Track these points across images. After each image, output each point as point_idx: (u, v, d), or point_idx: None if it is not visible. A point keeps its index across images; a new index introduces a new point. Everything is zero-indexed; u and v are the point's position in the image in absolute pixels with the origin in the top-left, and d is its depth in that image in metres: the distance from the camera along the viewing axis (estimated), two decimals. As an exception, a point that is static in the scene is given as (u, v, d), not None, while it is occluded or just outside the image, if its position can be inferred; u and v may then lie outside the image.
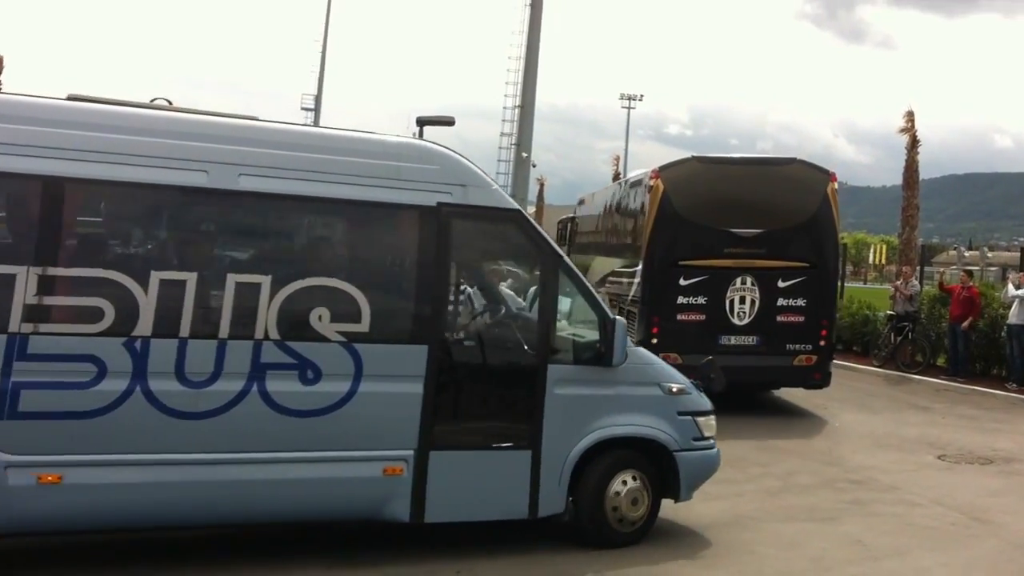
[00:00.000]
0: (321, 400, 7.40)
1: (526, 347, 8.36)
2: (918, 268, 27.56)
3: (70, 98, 7.34)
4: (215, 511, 7.32)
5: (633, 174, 16.64)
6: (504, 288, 10.20)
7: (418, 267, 7.88)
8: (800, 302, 14.94)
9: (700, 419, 8.83)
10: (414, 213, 7.83)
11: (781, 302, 14.94)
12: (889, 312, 23.65)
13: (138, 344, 6.95)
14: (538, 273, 8.38)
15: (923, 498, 10.97)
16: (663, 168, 15.42)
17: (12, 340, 6.66)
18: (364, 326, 7.53)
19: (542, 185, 57.99)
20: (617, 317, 8.49)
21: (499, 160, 45.83)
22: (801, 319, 15.10)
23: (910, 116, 31.41)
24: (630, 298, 15.71)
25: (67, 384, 6.80)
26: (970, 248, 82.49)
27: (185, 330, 7.07)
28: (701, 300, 14.64)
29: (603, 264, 18.84)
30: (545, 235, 8.36)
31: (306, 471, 7.41)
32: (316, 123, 73.16)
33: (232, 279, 7.26)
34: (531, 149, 42.77)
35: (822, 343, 15.26)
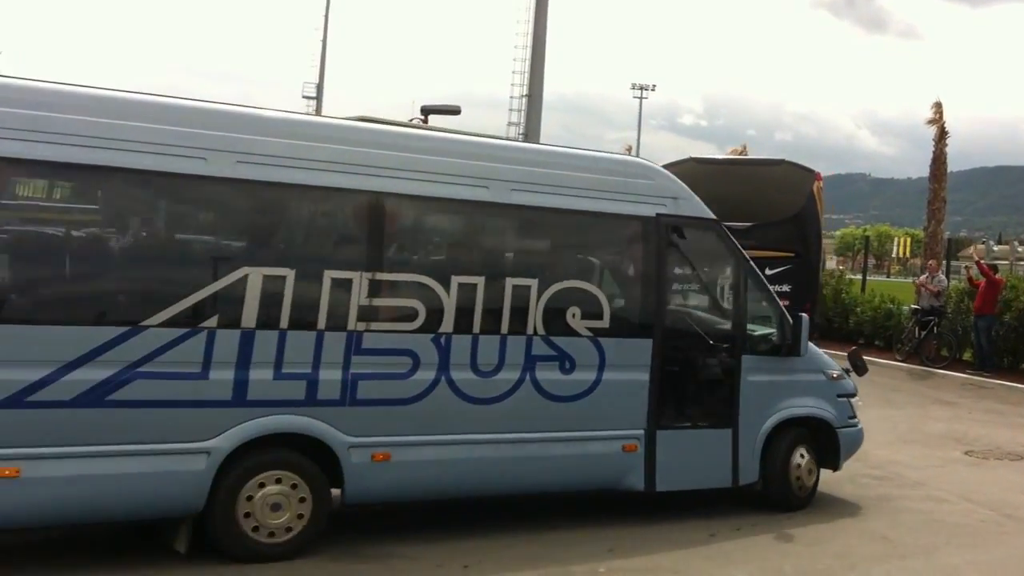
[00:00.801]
0: (576, 387, 8.91)
1: (725, 340, 9.83)
2: (944, 262, 27.67)
3: (359, 119, 8.77)
4: (496, 484, 8.78)
5: None
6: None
7: (643, 270, 9.50)
8: (786, 287, 16.52)
9: (852, 400, 10.69)
10: (639, 223, 9.40)
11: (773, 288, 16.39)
12: (914, 306, 23.77)
13: (443, 340, 8.34)
14: (732, 275, 10.12)
15: (951, 494, 11.07)
16: (665, 167, 16.50)
17: (350, 337, 7.96)
18: (605, 322, 9.07)
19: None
20: (803, 315, 10.31)
21: (506, 151, 45.89)
22: (787, 303, 16.10)
23: (938, 107, 31.49)
24: None
25: (391, 375, 8.14)
26: (1000, 242, 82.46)
27: (477, 327, 8.48)
28: None
29: None
30: (736, 241, 10.01)
31: (564, 449, 8.92)
32: (318, 111, 73.36)
33: (510, 282, 8.70)
34: (539, 139, 42.72)
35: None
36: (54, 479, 7.00)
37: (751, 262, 10.15)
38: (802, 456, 10.21)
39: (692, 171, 16.65)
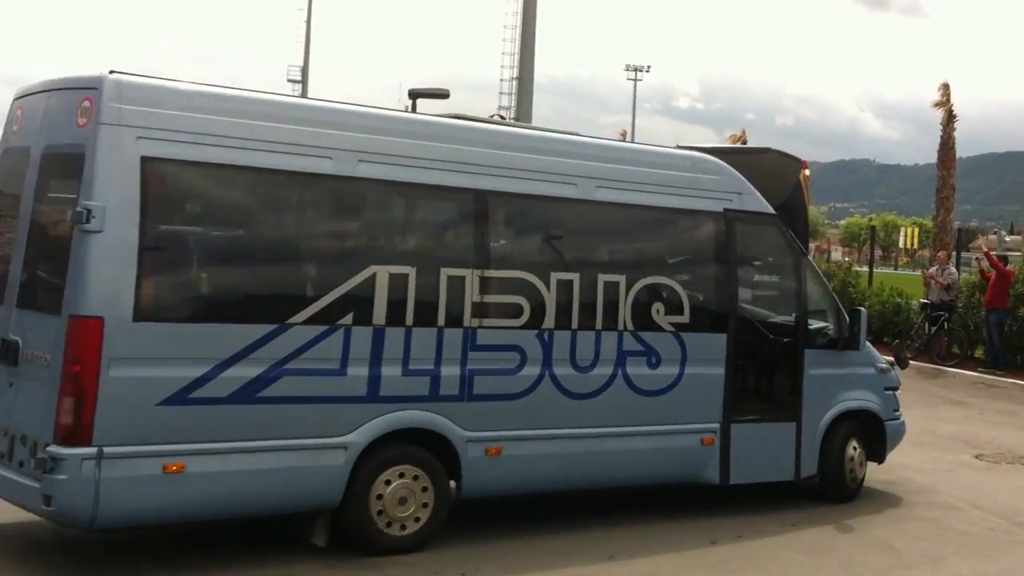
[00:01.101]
0: (661, 381, 9.38)
1: (789, 335, 10.32)
2: (953, 253, 27.45)
3: (454, 116, 9.18)
4: (591, 478, 9.28)
5: None
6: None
7: (716, 265, 9.92)
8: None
9: (897, 393, 11.28)
10: (710, 218, 9.86)
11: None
12: (923, 300, 23.53)
13: (546, 336, 8.78)
14: (792, 269, 10.55)
15: (960, 500, 11.02)
16: None
17: (466, 333, 8.39)
18: (685, 317, 9.54)
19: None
20: (861, 308, 11.13)
21: (498, 135, 45.77)
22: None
23: (945, 89, 31.14)
24: None
25: (502, 371, 8.59)
26: (1011, 232, 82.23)
27: (575, 323, 8.90)
28: None
29: None
30: (793, 235, 10.48)
31: (651, 442, 9.39)
32: (304, 95, 73.14)
33: (601, 278, 9.11)
34: (531, 123, 42.59)
35: None
36: (215, 474, 7.39)
37: (808, 256, 10.90)
38: (854, 448, 10.73)
39: None
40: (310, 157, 7.82)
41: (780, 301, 10.82)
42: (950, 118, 31.01)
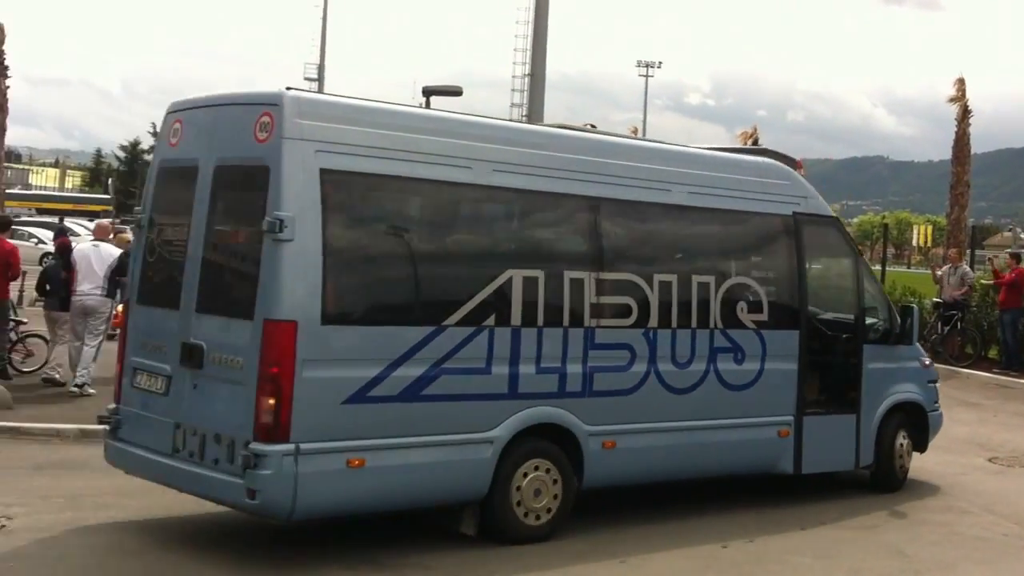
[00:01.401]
0: (746, 376, 10.19)
1: (850, 330, 11.21)
2: (968, 251, 27.32)
3: (559, 126, 10.32)
4: (687, 470, 10.03)
5: None
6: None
7: (788, 265, 10.74)
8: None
9: (937, 385, 12.23)
10: (781, 221, 10.75)
11: None
12: (936, 299, 23.40)
13: (651, 334, 9.53)
14: (851, 268, 11.49)
15: (972, 505, 11.03)
16: None
17: (586, 333, 9.12)
18: (764, 315, 10.36)
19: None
20: (914, 305, 12.52)
21: (509, 133, 45.69)
22: None
23: (960, 84, 30.97)
24: None
25: (616, 368, 9.34)
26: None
27: (674, 322, 9.67)
28: None
29: None
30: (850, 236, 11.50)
31: (737, 435, 10.18)
32: (320, 91, 73.12)
33: (695, 279, 9.89)
34: (543, 121, 42.54)
35: None
36: (389, 468, 8.10)
37: (863, 257, 11.88)
38: (903, 439, 11.58)
39: None
40: (454, 168, 8.55)
41: (840, 299, 11.71)
42: (965, 113, 30.78)
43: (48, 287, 15.16)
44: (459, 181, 8.62)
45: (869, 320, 11.40)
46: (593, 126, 11.11)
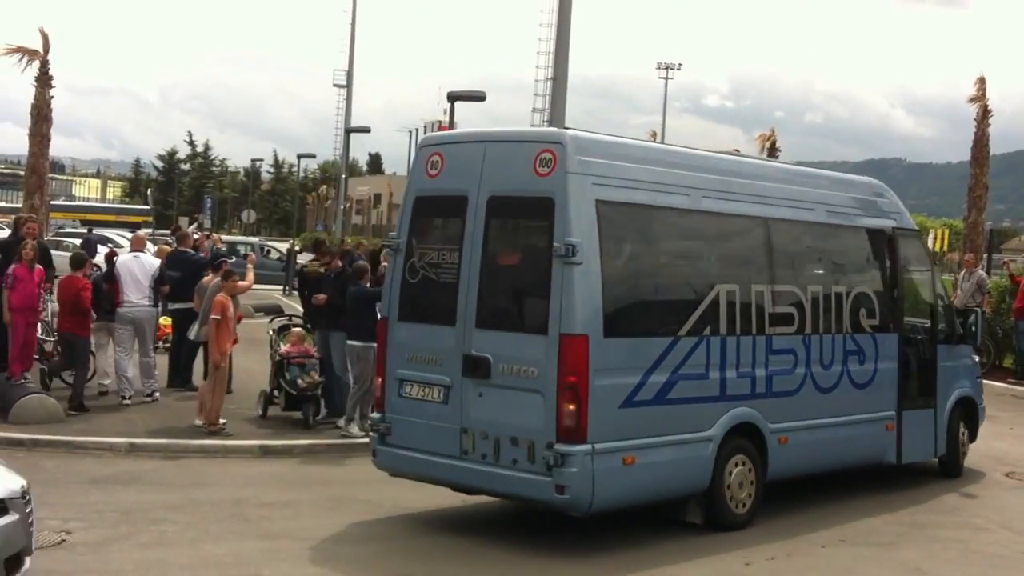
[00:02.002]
0: (867, 375, 11.46)
1: (929, 332, 12.49)
2: (984, 256, 26.84)
3: (732, 153, 12.29)
4: (828, 463, 11.25)
5: None
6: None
7: (889, 274, 12.09)
8: None
9: (982, 381, 13.83)
10: (885, 235, 12.06)
11: None
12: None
13: (807, 340, 10.80)
14: (928, 276, 12.99)
15: (990, 522, 11.04)
16: None
17: (767, 340, 10.34)
18: (876, 320, 11.66)
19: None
20: (978, 309, 14.90)
21: (532, 139, 45.70)
22: None
23: (981, 83, 30.03)
24: None
25: (785, 371, 10.53)
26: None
27: (821, 327, 10.95)
28: None
29: None
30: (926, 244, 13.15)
31: (860, 429, 11.38)
32: (348, 99, 73.54)
33: (833, 289, 11.25)
34: (564, 125, 42.49)
35: None
36: (650, 465, 9.18)
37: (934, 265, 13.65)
38: (964, 430, 12.92)
39: None
40: (679, 195, 9.80)
41: (921, 303, 12.94)
42: (985, 113, 29.85)
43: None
44: (682, 207, 9.86)
45: (940, 322, 12.63)
46: (737, 151, 13.10)
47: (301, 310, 16.99)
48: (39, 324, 16.80)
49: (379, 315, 11.43)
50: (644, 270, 9.82)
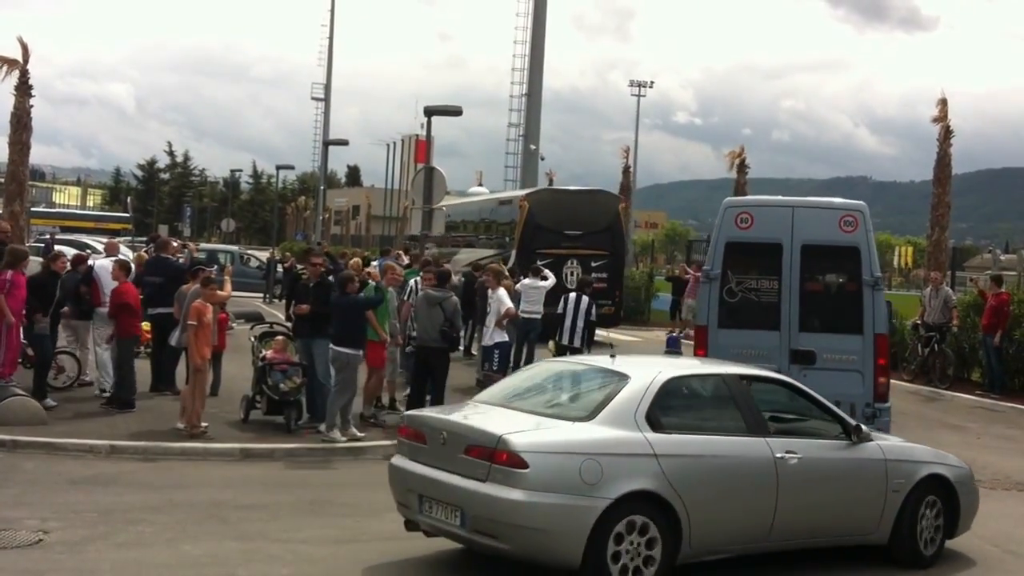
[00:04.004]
0: None
1: None
2: (948, 273, 27.17)
3: None
4: None
5: (504, 195, 28.48)
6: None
7: None
8: (604, 275, 26.20)
9: None
10: None
11: (594, 275, 24.17)
12: (915, 321, 23.23)
13: None
14: None
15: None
16: (527, 195, 28.09)
17: None
18: None
19: (551, 180, 57.63)
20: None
21: (507, 152, 45.85)
22: (604, 286, 26.11)
23: (943, 105, 30.35)
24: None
25: None
26: (1007, 251, 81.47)
27: None
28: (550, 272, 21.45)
29: (474, 253, 29.63)
30: None
31: None
32: (326, 113, 73.44)
33: None
34: (539, 141, 42.73)
35: (616, 299, 27.43)
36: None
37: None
38: None
39: (548, 197, 28.18)
40: None
41: None
42: (947, 134, 30.04)
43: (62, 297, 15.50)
44: None
45: None
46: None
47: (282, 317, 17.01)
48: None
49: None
50: None
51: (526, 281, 19.52)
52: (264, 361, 14.20)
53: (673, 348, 22.84)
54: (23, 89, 26.80)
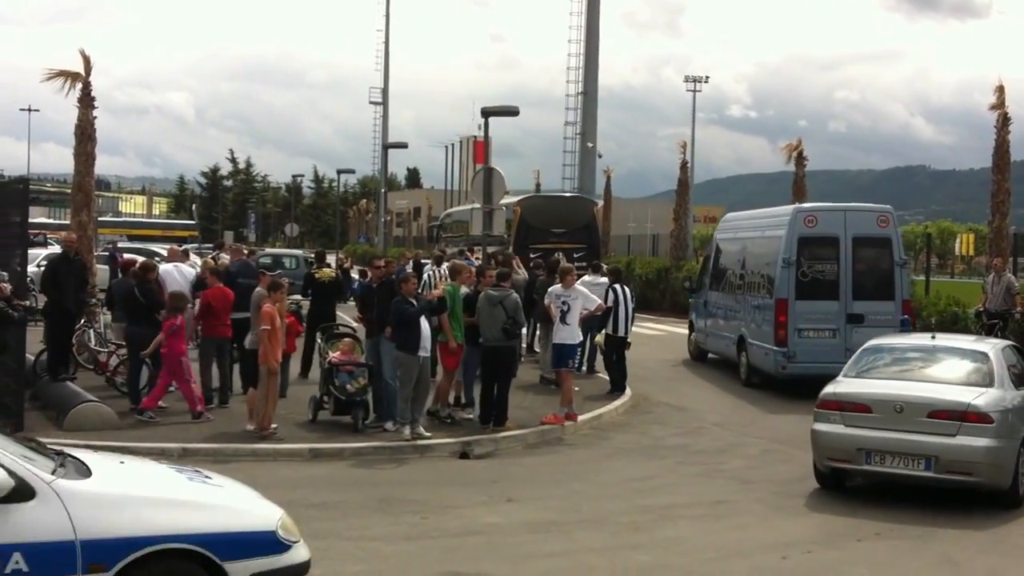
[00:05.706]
0: None
1: None
2: (1010, 259, 26.81)
3: None
4: None
5: (503, 201, 28.27)
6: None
7: None
8: (583, 264, 26.77)
9: None
10: None
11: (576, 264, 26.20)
12: (978, 308, 22.95)
13: None
14: None
15: (1021, 512, 10.88)
16: (519, 201, 32.61)
17: None
18: None
19: (609, 177, 57.43)
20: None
21: (564, 151, 45.74)
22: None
23: (1000, 91, 30.21)
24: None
25: None
26: (1067, 235, 79.49)
27: None
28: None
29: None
30: None
31: None
32: (385, 116, 73.92)
33: None
34: (596, 138, 42.65)
35: None
36: None
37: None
38: None
39: (535, 202, 33.59)
40: None
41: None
42: (1005, 121, 29.96)
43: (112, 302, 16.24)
44: None
45: None
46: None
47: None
48: (93, 334, 17.22)
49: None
50: None
51: (587, 278, 19.57)
52: (330, 363, 14.39)
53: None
54: (86, 101, 27.13)
